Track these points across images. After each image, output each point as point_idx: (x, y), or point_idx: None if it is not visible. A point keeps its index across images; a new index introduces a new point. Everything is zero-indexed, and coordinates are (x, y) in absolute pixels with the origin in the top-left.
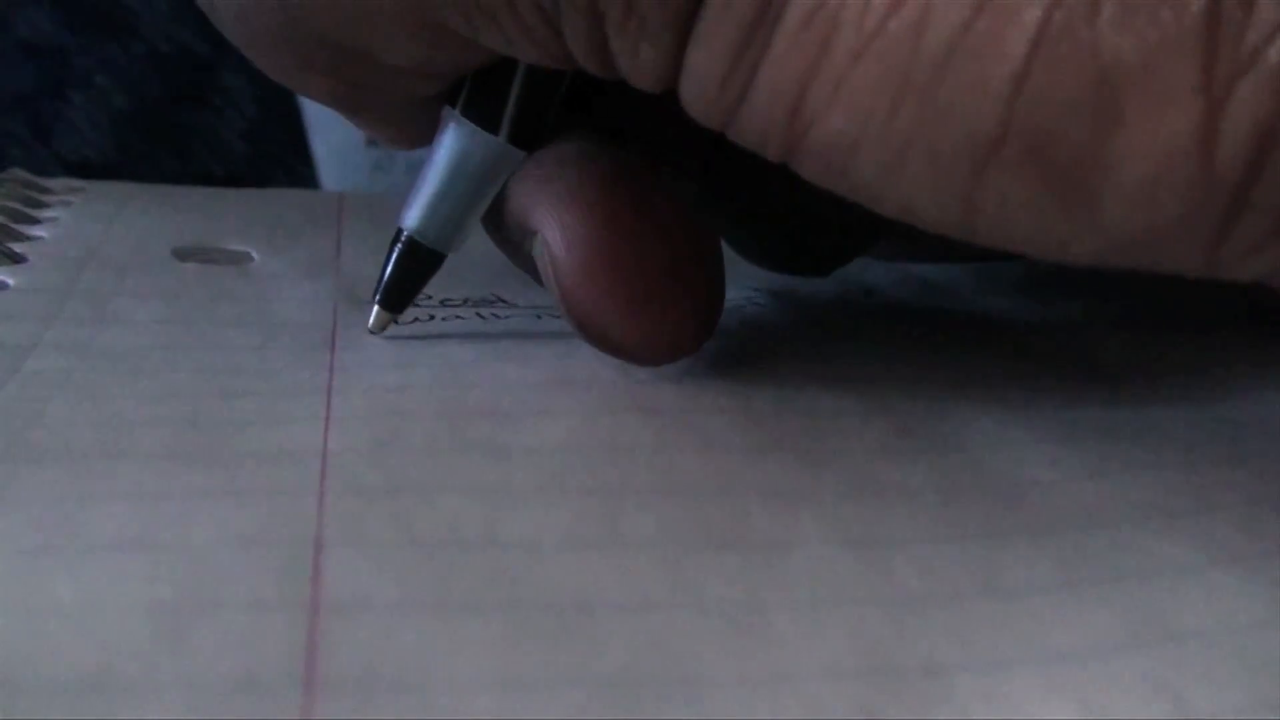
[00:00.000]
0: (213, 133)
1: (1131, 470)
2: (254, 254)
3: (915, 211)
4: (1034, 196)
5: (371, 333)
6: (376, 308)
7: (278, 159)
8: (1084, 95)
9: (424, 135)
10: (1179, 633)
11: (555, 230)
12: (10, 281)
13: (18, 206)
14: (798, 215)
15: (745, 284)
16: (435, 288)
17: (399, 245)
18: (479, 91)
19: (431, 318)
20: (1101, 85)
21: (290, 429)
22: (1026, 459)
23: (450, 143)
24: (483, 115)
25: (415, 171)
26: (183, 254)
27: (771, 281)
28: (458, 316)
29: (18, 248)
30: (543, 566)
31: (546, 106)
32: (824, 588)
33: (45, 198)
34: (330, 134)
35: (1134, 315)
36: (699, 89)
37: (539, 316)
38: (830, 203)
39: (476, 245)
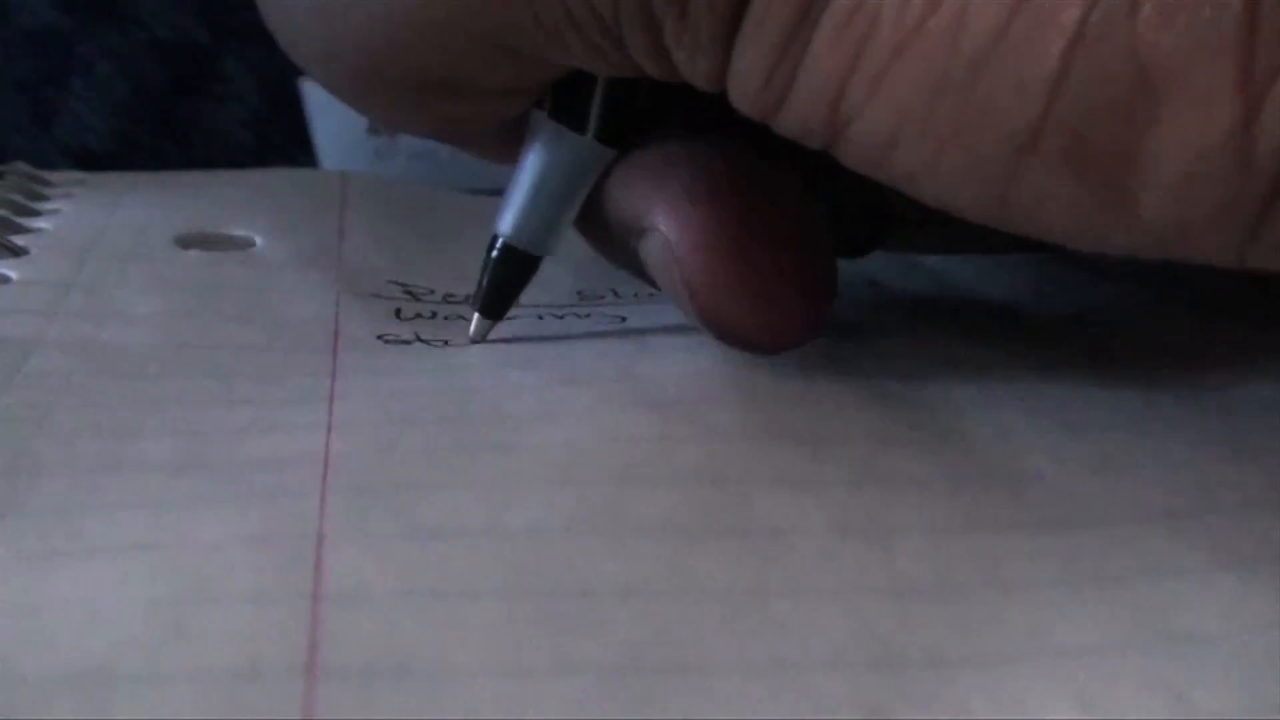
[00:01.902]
0: (214, 121)
1: (1134, 467)
2: (256, 239)
3: (952, 202)
4: (1069, 192)
5: (472, 341)
6: (476, 316)
7: (280, 147)
8: (1121, 95)
9: (517, 147)
10: (1180, 633)
11: (677, 229)
12: (12, 275)
13: (20, 199)
14: (833, 198)
15: None
16: (439, 282)
17: (494, 252)
18: (565, 94)
19: (434, 315)
20: (1139, 85)
21: (293, 436)
22: (1030, 451)
23: (539, 146)
24: (570, 116)
25: (417, 159)
26: (185, 242)
27: None
28: (460, 316)
29: (19, 240)
30: (545, 553)
31: (631, 104)
32: (826, 576)
33: (47, 190)
34: (332, 122)
35: (1140, 309)
36: (744, 89)
37: (540, 317)
38: (864, 187)
39: (478, 241)
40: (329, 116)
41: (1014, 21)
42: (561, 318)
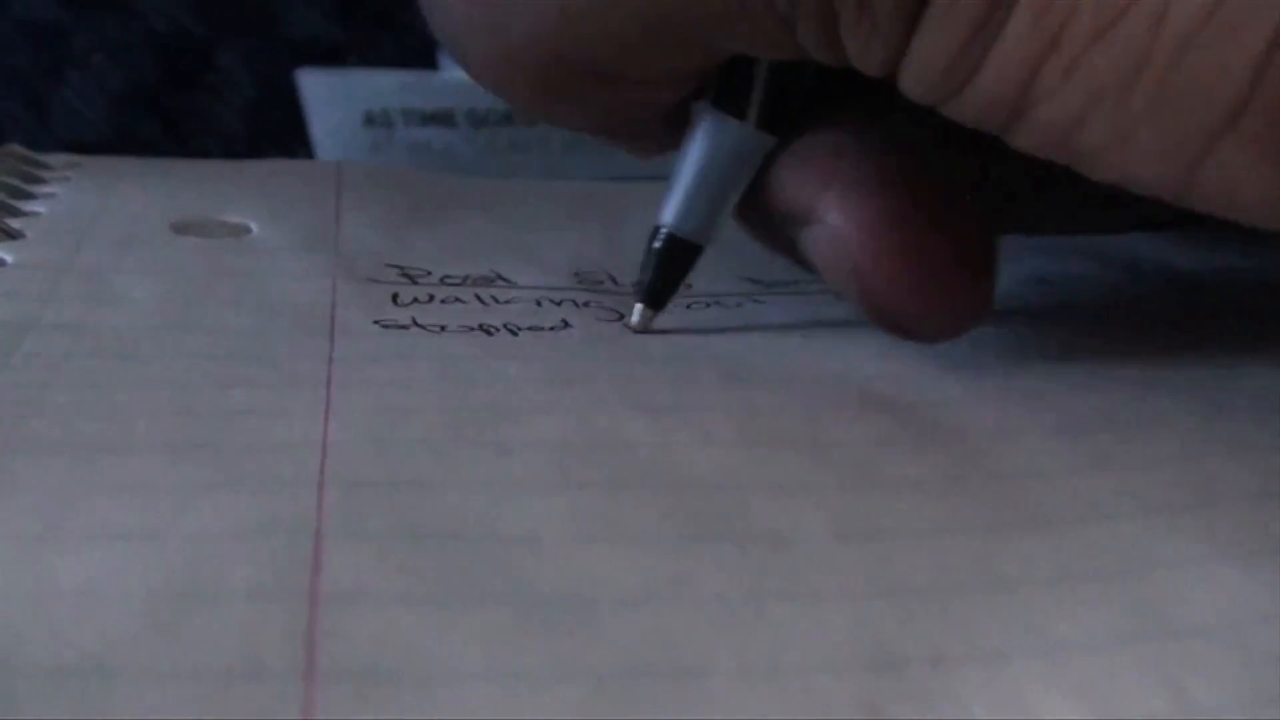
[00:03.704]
0: (210, 113)
1: (1132, 463)
2: (252, 226)
3: (1134, 180)
4: (1262, 172)
5: (635, 331)
6: (639, 306)
7: (276, 139)
8: None
9: (674, 140)
10: (1180, 627)
11: (850, 223)
12: (8, 258)
13: (15, 182)
14: None
15: (743, 278)
16: (436, 265)
17: (657, 242)
18: (726, 82)
19: (431, 298)
20: None
21: (290, 421)
22: (1027, 450)
23: (701, 135)
24: (731, 104)
25: (413, 152)
26: (181, 228)
27: (770, 275)
28: (458, 299)
29: (15, 224)
30: (543, 559)
31: (793, 90)
32: (825, 580)
33: (43, 173)
34: (329, 114)
35: (1138, 304)
36: (921, 76)
37: (539, 303)
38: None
39: (475, 221)
40: (326, 109)
41: (1220, 8)
42: (559, 304)
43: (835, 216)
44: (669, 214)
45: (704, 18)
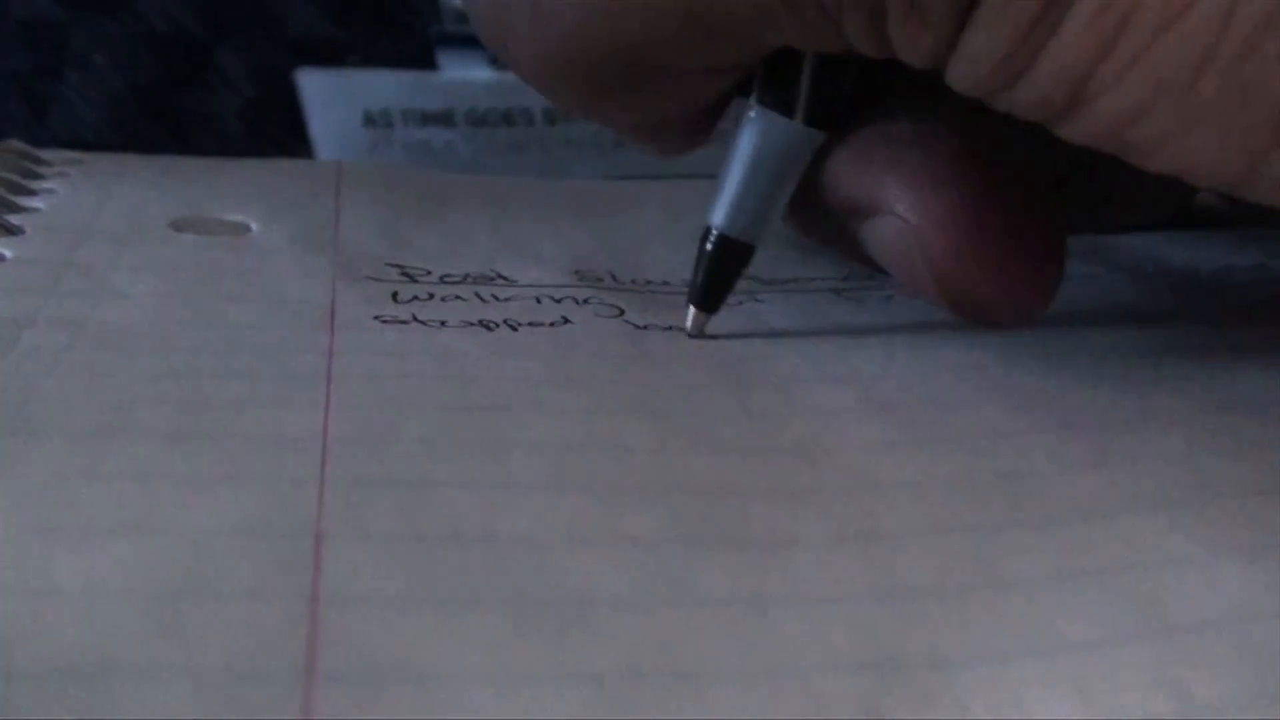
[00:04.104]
0: (210, 113)
1: (1132, 461)
2: (252, 225)
3: (1192, 170)
4: None
5: (690, 335)
6: (692, 309)
7: (275, 139)
8: None
9: (706, 136)
10: (1180, 624)
11: (918, 212)
12: (7, 254)
13: (14, 178)
14: None
15: (744, 275)
16: (436, 263)
17: (708, 244)
18: (771, 79)
19: (431, 296)
20: None
21: (290, 414)
22: (1027, 449)
23: (749, 134)
24: (777, 101)
25: (412, 151)
26: (180, 225)
27: (770, 272)
28: (457, 296)
29: (14, 219)
30: (543, 562)
31: (839, 85)
32: (825, 583)
33: (42, 169)
34: (328, 113)
35: (1137, 305)
36: (970, 69)
37: (539, 300)
38: None
39: (475, 219)
40: (325, 108)
41: None
42: (559, 301)
43: (903, 208)
44: (719, 215)
45: (747, 9)
